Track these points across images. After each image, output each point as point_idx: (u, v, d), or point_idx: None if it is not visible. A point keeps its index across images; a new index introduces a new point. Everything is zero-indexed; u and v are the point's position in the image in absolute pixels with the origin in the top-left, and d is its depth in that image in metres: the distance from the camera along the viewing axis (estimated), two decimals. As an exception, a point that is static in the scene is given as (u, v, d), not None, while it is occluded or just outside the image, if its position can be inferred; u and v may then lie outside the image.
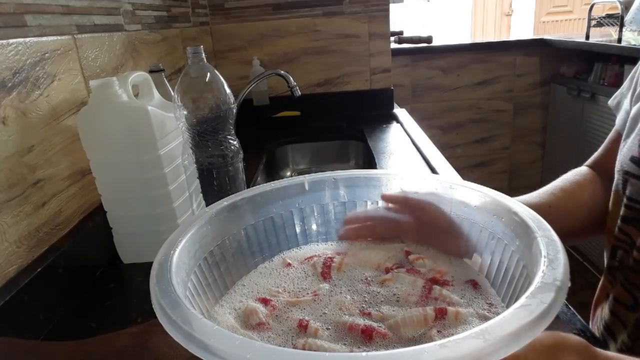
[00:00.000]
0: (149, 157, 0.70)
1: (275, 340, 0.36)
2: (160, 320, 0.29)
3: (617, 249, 0.57)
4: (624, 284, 0.56)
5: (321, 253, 0.47)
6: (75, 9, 0.79)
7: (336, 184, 0.50)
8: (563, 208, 0.62)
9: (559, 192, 0.64)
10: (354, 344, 0.34)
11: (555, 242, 0.33)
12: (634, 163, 0.54)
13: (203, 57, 0.69)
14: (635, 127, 0.56)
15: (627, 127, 0.58)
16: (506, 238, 0.39)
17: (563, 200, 0.63)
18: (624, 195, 0.55)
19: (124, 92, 0.69)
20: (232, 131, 0.73)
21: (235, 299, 0.41)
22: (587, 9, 2.28)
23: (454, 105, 2.45)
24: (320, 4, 1.53)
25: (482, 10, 4.60)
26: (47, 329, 0.61)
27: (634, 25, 2.06)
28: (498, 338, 0.24)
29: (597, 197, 0.63)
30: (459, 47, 2.41)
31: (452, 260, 0.45)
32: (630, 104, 0.60)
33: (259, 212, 0.47)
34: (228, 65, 1.58)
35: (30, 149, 0.63)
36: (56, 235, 0.68)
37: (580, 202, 0.64)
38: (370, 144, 1.31)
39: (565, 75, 2.35)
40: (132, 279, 0.74)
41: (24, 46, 0.63)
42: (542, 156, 2.60)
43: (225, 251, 0.43)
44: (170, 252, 0.36)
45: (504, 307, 0.37)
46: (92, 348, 0.42)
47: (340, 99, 1.63)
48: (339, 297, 0.40)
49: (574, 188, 0.65)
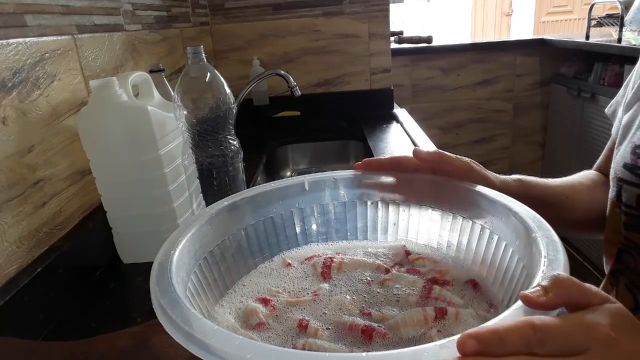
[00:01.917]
0: (149, 157, 0.70)
1: (275, 340, 0.36)
2: (160, 320, 0.29)
3: (623, 253, 0.57)
4: (628, 286, 0.56)
5: (321, 253, 0.47)
6: (75, 9, 0.79)
7: (336, 184, 0.50)
8: (578, 198, 0.63)
9: (578, 185, 0.65)
10: (354, 344, 0.34)
11: (555, 242, 0.33)
12: (627, 170, 0.54)
13: (203, 57, 0.69)
14: (627, 134, 0.57)
15: (619, 134, 0.59)
16: (506, 238, 0.39)
17: (580, 193, 0.64)
18: (620, 202, 0.56)
19: (124, 92, 0.70)
20: (232, 131, 0.73)
21: (235, 299, 0.41)
22: (587, 9, 2.28)
23: (454, 105, 2.45)
24: (320, 4, 1.53)
25: (482, 10, 4.60)
26: (47, 329, 0.61)
27: (634, 25, 2.06)
28: (498, 338, 0.24)
29: (599, 194, 0.63)
30: (459, 47, 2.41)
31: (452, 260, 0.45)
32: (622, 112, 0.60)
33: (259, 212, 0.47)
34: (228, 65, 1.58)
35: (30, 149, 0.63)
36: (56, 235, 0.68)
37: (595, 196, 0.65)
38: (370, 144, 1.31)
39: (565, 75, 2.35)
40: (132, 279, 0.74)
41: (24, 46, 0.63)
42: (542, 156, 2.60)
43: (225, 251, 0.43)
44: (170, 252, 0.36)
45: (504, 307, 0.37)
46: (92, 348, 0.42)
47: (340, 99, 1.63)
48: (339, 297, 0.40)
49: (589, 183, 0.66)
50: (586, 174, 0.68)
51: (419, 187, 0.49)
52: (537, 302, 0.26)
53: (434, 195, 0.48)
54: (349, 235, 0.51)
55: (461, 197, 0.45)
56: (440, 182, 0.47)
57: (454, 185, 0.46)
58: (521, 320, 0.24)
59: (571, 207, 0.62)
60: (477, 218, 0.43)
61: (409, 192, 0.50)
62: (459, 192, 0.45)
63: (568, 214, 0.62)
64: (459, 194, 0.45)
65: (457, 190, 0.45)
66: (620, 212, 0.56)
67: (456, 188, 0.46)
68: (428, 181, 0.48)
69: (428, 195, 0.48)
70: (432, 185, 0.48)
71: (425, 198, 0.48)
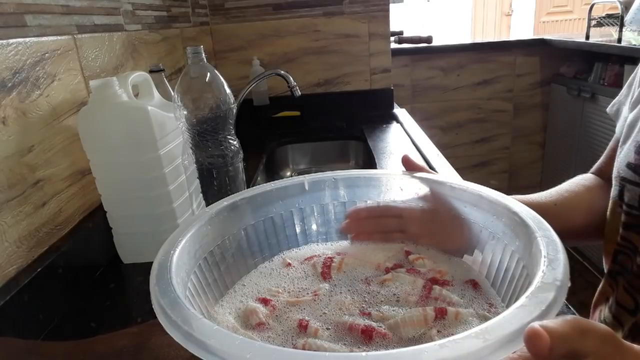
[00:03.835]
0: (149, 157, 0.70)
1: (275, 340, 0.36)
2: (160, 320, 0.29)
3: (619, 254, 0.57)
4: (627, 289, 0.56)
5: (321, 253, 0.47)
6: (75, 9, 0.79)
7: (336, 184, 0.50)
8: (568, 206, 0.63)
9: (565, 192, 0.64)
10: (354, 344, 0.34)
11: (555, 242, 0.33)
12: (630, 169, 0.54)
13: (203, 57, 0.69)
14: (631, 133, 0.56)
15: (623, 133, 0.58)
16: (506, 238, 0.39)
17: (568, 200, 0.63)
18: (622, 202, 0.55)
19: (124, 92, 0.69)
20: (232, 131, 0.73)
21: (235, 299, 0.41)
22: (587, 9, 2.27)
23: (454, 105, 2.45)
24: (320, 4, 1.53)
25: (482, 10, 4.60)
26: (47, 329, 0.60)
27: (634, 25, 2.06)
28: (498, 338, 0.24)
29: (601, 200, 0.63)
30: (459, 47, 2.41)
31: (452, 260, 0.45)
32: (628, 110, 0.60)
33: (259, 212, 0.47)
34: (228, 65, 1.58)
35: (30, 149, 0.63)
36: (56, 235, 0.68)
37: (584, 203, 0.64)
38: (370, 144, 1.31)
39: (565, 75, 2.35)
40: (132, 279, 0.74)
41: (24, 46, 0.63)
42: (542, 156, 2.60)
43: (225, 251, 0.43)
44: (170, 252, 0.36)
45: (504, 307, 0.37)
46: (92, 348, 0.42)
47: (340, 99, 1.63)
48: (339, 297, 0.40)
49: (580, 190, 0.65)
50: (576, 181, 0.67)
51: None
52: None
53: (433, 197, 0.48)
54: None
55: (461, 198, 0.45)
56: (438, 182, 0.47)
57: (452, 185, 0.46)
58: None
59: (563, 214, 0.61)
60: (477, 218, 0.43)
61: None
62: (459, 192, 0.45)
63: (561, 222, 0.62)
64: (458, 194, 0.45)
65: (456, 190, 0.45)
66: (621, 212, 0.55)
67: (455, 188, 0.45)
68: (428, 182, 0.48)
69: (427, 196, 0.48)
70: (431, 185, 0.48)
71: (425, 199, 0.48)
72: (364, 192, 0.51)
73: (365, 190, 0.51)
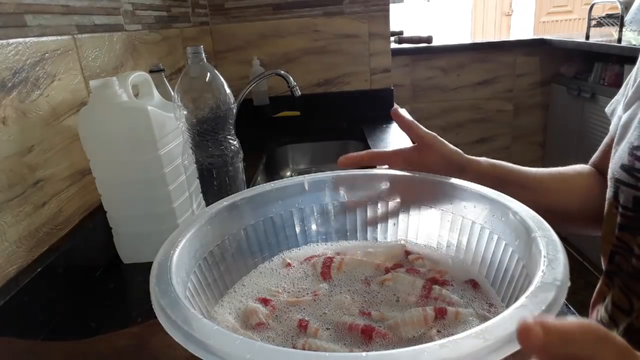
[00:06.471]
0: (149, 157, 0.70)
1: (275, 340, 0.36)
2: (160, 320, 0.29)
3: (615, 255, 0.57)
4: (623, 289, 0.56)
5: (321, 253, 0.47)
6: (75, 9, 0.79)
7: (336, 184, 0.50)
8: (554, 187, 0.64)
9: (556, 173, 0.66)
10: (354, 344, 0.34)
11: (555, 242, 0.33)
12: (624, 171, 0.54)
13: (203, 57, 0.69)
14: (625, 134, 0.56)
15: (617, 134, 0.58)
16: (506, 238, 0.39)
17: (555, 181, 0.65)
18: (617, 203, 0.55)
19: (124, 92, 0.69)
20: (232, 131, 0.73)
21: (235, 299, 0.41)
22: (587, 9, 2.28)
23: (454, 105, 2.45)
24: (320, 4, 1.53)
25: (482, 10, 4.60)
26: (47, 329, 0.61)
27: (634, 25, 2.06)
28: (498, 338, 0.24)
29: (595, 188, 0.63)
30: (459, 47, 2.41)
31: (452, 260, 0.45)
32: (622, 110, 0.60)
33: (259, 212, 0.47)
34: (228, 65, 1.58)
35: (30, 149, 0.63)
36: (56, 235, 0.68)
37: (575, 187, 0.65)
38: (370, 144, 1.31)
39: (565, 75, 2.35)
40: (132, 279, 0.74)
41: (24, 46, 0.63)
42: (542, 156, 2.60)
43: (225, 251, 0.43)
44: (170, 252, 0.36)
45: (504, 307, 0.37)
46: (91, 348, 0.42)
47: (340, 99, 1.63)
48: (339, 297, 0.40)
49: (573, 175, 0.66)
50: (575, 167, 0.68)
51: (418, 189, 0.49)
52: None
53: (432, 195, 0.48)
54: (349, 235, 0.51)
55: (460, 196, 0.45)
56: (438, 182, 0.47)
57: (452, 185, 0.46)
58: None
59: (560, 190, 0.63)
60: (477, 218, 0.43)
61: (406, 194, 0.50)
62: (458, 191, 0.45)
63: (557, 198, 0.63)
64: (458, 193, 0.45)
65: (456, 189, 0.45)
66: (617, 213, 0.56)
67: (455, 187, 0.46)
68: (428, 182, 0.48)
69: (427, 196, 0.48)
70: (431, 185, 0.48)
71: (425, 199, 0.48)
72: (364, 192, 0.51)
73: (365, 190, 0.51)
